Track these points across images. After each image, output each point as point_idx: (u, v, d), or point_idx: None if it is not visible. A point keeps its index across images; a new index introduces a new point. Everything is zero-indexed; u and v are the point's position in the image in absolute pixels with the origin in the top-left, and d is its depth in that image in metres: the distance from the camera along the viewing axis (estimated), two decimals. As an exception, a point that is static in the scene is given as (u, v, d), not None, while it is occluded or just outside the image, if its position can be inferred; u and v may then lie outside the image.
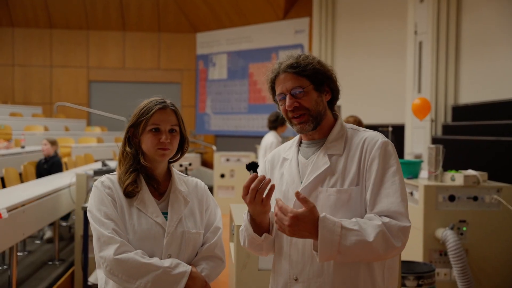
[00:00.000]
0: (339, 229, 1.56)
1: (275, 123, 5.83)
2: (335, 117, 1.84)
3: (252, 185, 1.63)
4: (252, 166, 1.70)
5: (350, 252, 1.56)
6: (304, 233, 1.58)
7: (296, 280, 1.73)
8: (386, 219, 1.60)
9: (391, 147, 1.73)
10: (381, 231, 1.57)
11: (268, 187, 1.65)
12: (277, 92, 1.79)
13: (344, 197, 1.69)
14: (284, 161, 1.88)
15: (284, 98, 1.77)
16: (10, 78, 13.61)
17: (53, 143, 6.88)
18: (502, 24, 6.23)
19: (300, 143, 1.88)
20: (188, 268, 1.83)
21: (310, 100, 1.75)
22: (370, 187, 1.67)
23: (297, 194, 1.60)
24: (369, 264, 1.69)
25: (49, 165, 6.81)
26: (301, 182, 1.76)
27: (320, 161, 1.75)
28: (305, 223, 1.56)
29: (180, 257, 1.87)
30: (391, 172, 1.68)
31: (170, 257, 1.84)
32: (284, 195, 1.80)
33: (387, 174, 1.67)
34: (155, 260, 1.79)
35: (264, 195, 1.65)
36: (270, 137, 5.79)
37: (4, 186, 5.88)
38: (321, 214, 1.58)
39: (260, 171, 1.94)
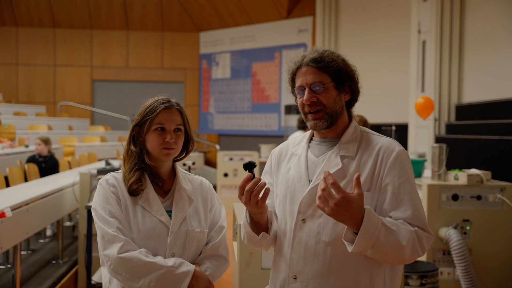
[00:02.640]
0: (380, 224, 1.54)
1: (304, 123, 6.07)
2: (350, 119, 1.81)
3: (247, 187, 1.62)
4: (249, 166, 1.68)
5: (382, 249, 1.55)
6: (346, 218, 1.50)
7: (295, 278, 1.72)
8: (417, 228, 1.63)
9: (407, 156, 1.73)
10: (413, 238, 1.59)
11: (264, 189, 1.63)
12: (297, 84, 1.76)
13: None
14: (292, 155, 1.84)
15: (303, 92, 1.74)
16: (14, 77, 13.64)
17: (46, 142, 6.92)
18: (505, 23, 6.21)
19: (311, 139, 1.85)
20: (192, 267, 1.83)
21: (328, 97, 1.72)
22: (389, 196, 1.66)
23: (327, 174, 1.51)
24: (370, 269, 1.67)
25: (49, 166, 6.84)
26: (309, 181, 1.74)
27: (331, 162, 1.72)
28: (353, 208, 1.49)
29: (184, 256, 1.87)
30: (411, 184, 1.68)
31: (174, 256, 1.85)
32: (290, 191, 1.77)
33: (407, 184, 1.67)
34: (159, 259, 1.79)
35: (259, 197, 1.64)
36: (297, 135, 5.95)
37: (8, 185, 5.89)
38: (366, 206, 1.55)
39: (267, 165, 1.93)
